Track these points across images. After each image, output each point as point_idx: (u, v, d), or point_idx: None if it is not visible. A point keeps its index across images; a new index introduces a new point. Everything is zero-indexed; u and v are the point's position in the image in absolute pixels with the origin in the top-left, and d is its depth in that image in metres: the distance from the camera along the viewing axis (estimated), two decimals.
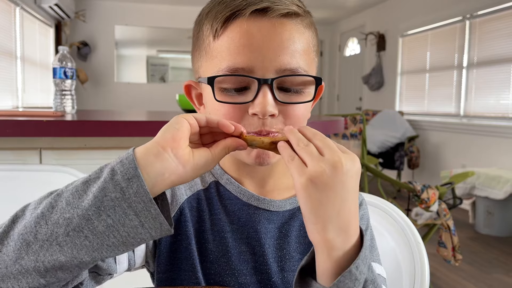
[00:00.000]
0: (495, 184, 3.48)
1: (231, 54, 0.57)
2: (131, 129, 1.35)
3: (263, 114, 0.56)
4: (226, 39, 0.58)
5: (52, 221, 0.45)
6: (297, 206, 0.66)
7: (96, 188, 0.45)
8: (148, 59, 7.41)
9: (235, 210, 0.64)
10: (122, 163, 0.46)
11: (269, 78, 0.57)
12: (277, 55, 0.57)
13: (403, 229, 0.87)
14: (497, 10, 4.26)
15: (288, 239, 0.64)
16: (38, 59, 5.29)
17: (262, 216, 0.64)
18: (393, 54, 6.06)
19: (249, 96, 0.58)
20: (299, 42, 0.59)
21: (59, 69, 1.60)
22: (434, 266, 2.84)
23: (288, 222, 0.65)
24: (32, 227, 0.45)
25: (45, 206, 0.46)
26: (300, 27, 0.60)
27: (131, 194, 0.45)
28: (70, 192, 0.46)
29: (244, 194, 0.65)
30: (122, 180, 0.45)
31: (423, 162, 5.27)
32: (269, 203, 0.65)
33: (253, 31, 0.57)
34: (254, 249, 0.62)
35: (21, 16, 4.66)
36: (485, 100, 4.47)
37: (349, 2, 6.39)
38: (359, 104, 7.06)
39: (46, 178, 1.05)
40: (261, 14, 0.57)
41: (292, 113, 0.59)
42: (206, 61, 0.62)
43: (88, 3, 6.56)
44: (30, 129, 1.27)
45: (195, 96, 0.69)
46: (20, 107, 4.62)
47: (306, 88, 0.60)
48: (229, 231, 0.63)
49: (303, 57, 0.59)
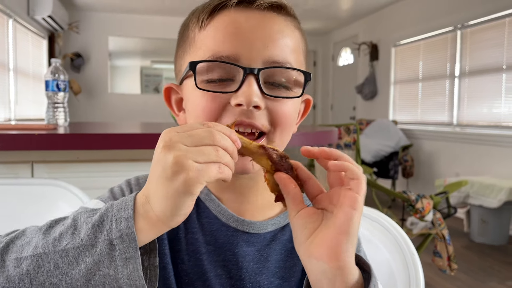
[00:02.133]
0: (489, 192, 3.49)
1: (216, 43, 0.54)
2: (124, 142, 1.34)
3: (247, 104, 0.52)
4: (212, 28, 0.55)
5: (37, 282, 0.44)
6: (280, 227, 0.62)
7: (91, 260, 0.43)
8: (142, 70, 7.42)
9: (213, 230, 0.59)
10: (122, 239, 0.43)
11: (255, 67, 0.53)
12: (266, 45, 0.54)
13: (397, 241, 0.87)
14: (487, 20, 4.31)
15: (267, 264, 0.59)
16: (31, 71, 5.28)
17: (240, 239, 0.59)
18: (386, 64, 6.11)
19: (233, 87, 0.53)
20: (290, 38, 0.57)
21: (52, 82, 1.60)
22: (429, 275, 2.84)
23: (269, 245, 0.60)
24: (16, 283, 0.44)
25: (30, 263, 0.44)
26: (290, 25, 0.58)
27: (124, 275, 0.43)
28: (59, 255, 0.44)
29: (224, 214, 0.60)
30: (119, 259, 0.43)
31: (417, 171, 5.28)
32: (249, 225, 0.60)
33: (240, 19, 0.54)
34: (231, 272, 0.58)
35: (14, 28, 4.65)
36: (478, 109, 4.50)
37: (342, 12, 6.45)
38: (353, 114, 7.09)
39: (38, 192, 1.04)
40: (249, 5, 0.55)
41: (280, 109, 0.55)
42: (190, 55, 0.58)
43: (81, 15, 6.57)
44: (22, 142, 1.26)
45: (175, 101, 0.64)
46: (13, 119, 4.59)
47: (294, 85, 0.56)
48: (205, 253, 0.58)
49: (292, 55, 0.57)
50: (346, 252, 0.44)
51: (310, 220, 0.48)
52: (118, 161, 1.45)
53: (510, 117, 4.07)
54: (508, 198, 3.39)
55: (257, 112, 0.53)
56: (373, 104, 6.47)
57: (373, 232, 0.89)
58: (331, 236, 0.45)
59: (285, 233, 0.62)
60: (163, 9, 6.35)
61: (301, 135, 1.52)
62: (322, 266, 0.45)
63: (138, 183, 0.63)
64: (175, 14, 6.55)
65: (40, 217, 0.98)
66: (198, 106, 0.55)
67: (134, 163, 1.46)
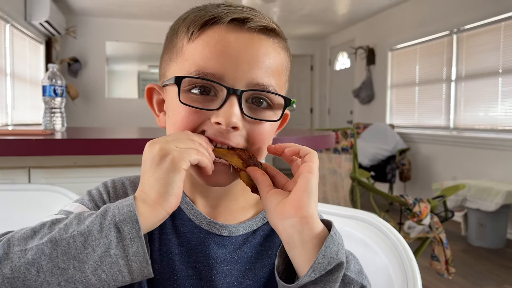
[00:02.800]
0: (486, 196, 3.50)
1: (203, 58, 0.55)
2: (121, 147, 1.34)
3: (226, 125, 0.54)
4: (201, 42, 0.56)
5: (45, 269, 0.45)
6: (251, 231, 0.64)
7: (97, 243, 0.47)
8: (139, 75, 7.41)
9: (186, 232, 0.62)
10: (125, 221, 0.48)
11: (239, 89, 0.55)
12: (251, 67, 0.56)
13: (394, 245, 0.87)
14: (483, 25, 4.33)
15: (237, 266, 0.62)
16: (28, 76, 5.27)
17: (212, 241, 0.61)
18: (383, 68, 6.13)
19: (215, 104, 0.56)
20: (274, 61, 0.58)
21: (49, 87, 1.59)
22: (427, 279, 2.84)
23: (240, 248, 0.63)
24: (21, 272, 0.45)
25: (36, 252, 0.46)
26: (277, 47, 0.60)
27: (129, 253, 0.47)
28: (66, 242, 0.46)
29: (197, 217, 0.62)
30: (125, 239, 0.47)
31: (414, 174, 5.29)
32: (221, 227, 0.62)
33: (230, 39, 0.56)
34: (201, 273, 0.60)
35: (11, 33, 4.65)
36: (474, 113, 4.52)
37: (338, 17, 6.47)
38: (350, 118, 7.11)
39: (35, 197, 1.04)
40: (240, 25, 0.56)
41: (257, 130, 0.58)
42: (176, 64, 0.60)
43: (78, 20, 6.57)
44: (19, 148, 1.25)
45: (156, 102, 0.66)
46: (10, 124, 4.58)
47: (274, 108, 0.59)
48: (177, 253, 0.61)
49: (275, 77, 0.59)
50: (309, 206, 0.52)
51: (278, 195, 0.55)
52: (115, 166, 1.45)
53: (506, 121, 4.09)
54: (505, 202, 3.39)
55: (235, 132, 0.56)
56: (370, 108, 6.48)
57: (371, 236, 0.89)
58: (294, 196, 0.52)
59: (256, 237, 0.64)
60: (160, 14, 6.36)
61: (299, 140, 1.53)
62: (291, 221, 0.51)
63: (114, 185, 0.65)
64: (172, 19, 6.47)
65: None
66: (179, 115, 0.57)
67: (132, 168, 1.45)
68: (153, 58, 7.39)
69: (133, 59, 7.40)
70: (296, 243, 0.51)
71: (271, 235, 0.65)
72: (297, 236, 0.51)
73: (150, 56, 7.37)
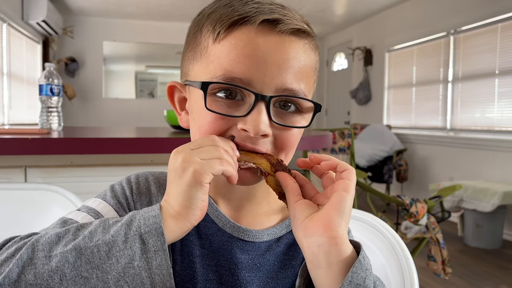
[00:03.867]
0: (483, 196, 3.51)
1: (230, 62, 0.52)
2: (118, 146, 1.33)
3: (255, 133, 0.52)
4: (228, 44, 0.53)
5: (68, 277, 0.45)
6: (275, 238, 0.62)
7: (122, 254, 0.46)
8: (137, 75, 7.40)
9: (208, 234, 0.60)
10: (151, 233, 0.47)
11: (267, 95, 0.52)
12: (280, 72, 0.53)
13: (392, 245, 0.87)
14: (480, 26, 4.35)
15: (259, 274, 0.59)
16: (25, 76, 5.25)
17: (235, 245, 0.59)
18: (380, 69, 6.14)
19: (242, 109, 0.53)
20: (304, 64, 0.55)
21: (46, 86, 1.59)
22: (424, 280, 2.84)
23: (263, 255, 0.60)
24: (44, 279, 0.45)
25: (60, 260, 0.45)
26: (307, 48, 0.56)
27: (152, 266, 0.46)
28: (91, 250, 0.46)
29: (220, 219, 0.60)
30: (150, 251, 0.46)
31: (411, 175, 5.30)
32: (245, 232, 0.60)
33: (259, 41, 0.52)
34: (222, 278, 0.58)
35: (8, 32, 4.64)
36: (471, 114, 4.53)
37: (336, 17, 6.48)
38: (347, 118, 7.12)
39: (31, 197, 1.04)
40: (270, 26, 0.53)
41: (286, 137, 0.56)
42: (200, 65, 0.56)
43: (76, 19, 6.56)
44: (15, 147, 1.25)
45: (178, 100, 0.64)
46: (6, 124, 4.57)
47: (303, 112, 0.56)
48: (198, 256, 0.59)
49: (305, 80, 0.55)
50: (340, 225, 0.49)
51: (307, 207, 0.52)
52: (112, 166, 1.44)
53: (503, 122, 4.11)
54: (501, 202, 3.40)
55: (263, 139, 0.54)
56: (367, 109, 6.49)
57: (368, 236, 0.89)
58: (325, 213, 0.50)
59: (280, 245, 0.62)
60: (158, 14, 6.35)
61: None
62: (318, 240, 0.49)
63: (137, 181, 0.63)
64: (170, 19, 6.55)
65: (34, 222, 0.97)
66: (205, 120, 0.55)
67: (128, 167, 1.45)
68: (151, 58, 7.39)
69: (130, 59, 7.39)
70: (321, 264, 0.49)
71: (295, 244, 0.60)
72: (324, 257, 0.48)
73: (147, 56, 7.37)
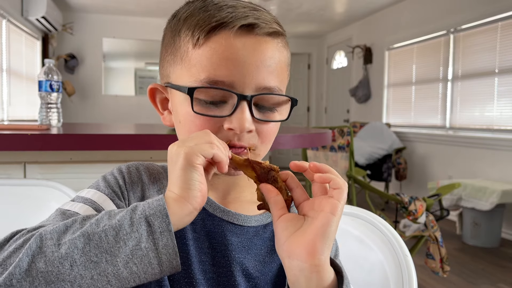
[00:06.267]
0: (481, 195, 3.51)
1: (212, 66, 0.56)
2: (117, 143, 1.33)
3: (240, 130, 0.57)
4: (208, 49, 0.57)
5: (78, 262, 0.46)
6: (262, 224, 0.66)
7: (129, 237, 0.47)
8: (136, 72, 7.40)
9: (199, 219, 0.63)
10: (156, 215, 0.48)
11: (248, 94, 0.57)
12: (258, 72, 0.57)
13: (390, 242, 0.87)
14: (480, 24, 4.35)
15: (248, 256, 0.63)
16: (24, 72, 5.25)
17: (225, 228, 0.63)
18: (380, 67, 6.14)
19: (226, 110, 0.58)
20: (279, 61, 0.60)
21: (45, 82, 1.59)
22: (422, 278, 2.85)
23: (252, 239, 0.64)
24: (55, 266, 0.46)
25: (69, 246, 0.47)
26: (280, 47, 0.61)
27: (159, 246, 0.47)
28: (99, 236, 0.47)
29: (211, 205, 0.64)
30: (156, 232, 0.48)
31: (410, 173, 5.31)
32: (234, 216, 0.64)
33: (238, 45, 0.56)
34: (214, 259, 0.61)
35: (8, 28, 4.63)
36: (470, 112, 4.54)
37: (336, 15, 6.48)
38: (347, 117, 7.12)
39: (31, 193, 1.04)
40: (246, 30, 0.57)
41: (266, 130, 0.61)
42: (181, 68, 0.60)
43: (75, 16, 6.54)
44: (15, 143, 1.25)
45: (159, 101, 0.68)
46: (6, 120, 4.56)
47: (280, 106, 0.61)
48: (191, 239, 0.61)
49: (280, 76, 0.60)
50: (322, 253, 0.49)
51: (291, 223, 0.52)
52: (111, 162, 1.44)
53: (502, 121, 4.11)
54: (500, 201, 3.41)
55: (248, 134, 0.59)
56: (366, 107, 6.49)
57: (367, 233, 0.90)
58: (309, 237, 0.49)
59: (266, 231, 0.66)
60: (158, 11, 6.34)
61: (296, 137, 1.53)
62: (300, 265, 0.49)
63: (129, 171, 0.65)
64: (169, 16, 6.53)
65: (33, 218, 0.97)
66: (193, 124, 0.59)
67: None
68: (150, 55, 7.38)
69: (130, 56, 7.39)
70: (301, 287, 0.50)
71: None
72: (304, 283, 0.50)
73: (147, 53, 7.36)
